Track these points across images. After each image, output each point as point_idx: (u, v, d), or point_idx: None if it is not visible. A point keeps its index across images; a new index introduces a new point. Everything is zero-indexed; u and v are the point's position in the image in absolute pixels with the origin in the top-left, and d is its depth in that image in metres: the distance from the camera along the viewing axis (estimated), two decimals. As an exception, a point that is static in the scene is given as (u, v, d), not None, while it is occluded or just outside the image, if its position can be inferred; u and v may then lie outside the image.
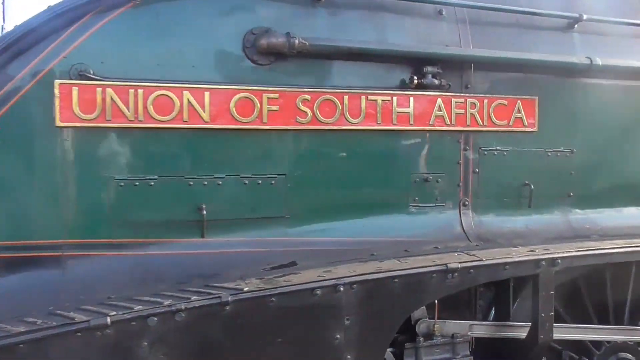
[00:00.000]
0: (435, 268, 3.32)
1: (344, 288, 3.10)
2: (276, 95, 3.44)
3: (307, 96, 3.51)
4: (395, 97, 3.71)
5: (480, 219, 4.02)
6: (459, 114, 3.89)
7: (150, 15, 3.23)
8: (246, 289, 2.95)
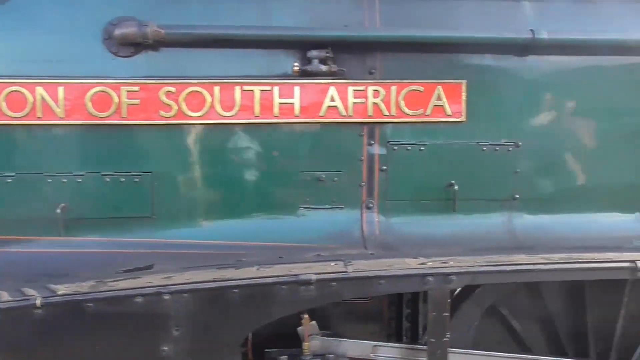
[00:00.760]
0: (284, 279, 2.93)
1: (171, 296, 2.85)
2: (136, 88, 3.25)
3: (172, 88, 3.27)
4: (277, 87, 3.33)
5: (390, 224, 3.49)
6: (358, 104, 3.40)
7: (4, 9, 3.22)
8: (60, 292, 2.82)
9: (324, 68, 3.32)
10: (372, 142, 3.46)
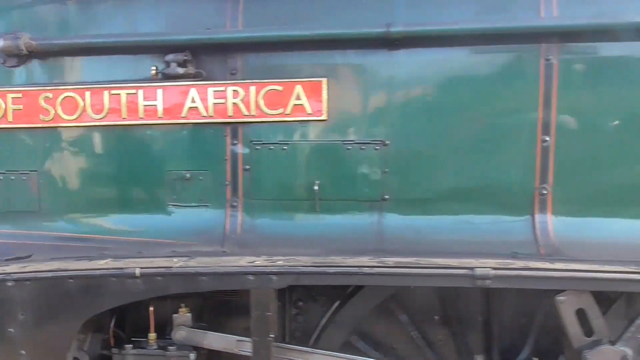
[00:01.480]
0: (113, 272, 3.11)
1: (15, 283, 3.15)
2: (19, 95, 3.61)
3: (49, 94, 3.58)
4: (141, 90, 3.52)
5: (254, 223, 3.52)
6: (218, 104, 3.48)
7: None
8: None
9: (182, 71, 3.44)
10: (236, 142, 3.51)
